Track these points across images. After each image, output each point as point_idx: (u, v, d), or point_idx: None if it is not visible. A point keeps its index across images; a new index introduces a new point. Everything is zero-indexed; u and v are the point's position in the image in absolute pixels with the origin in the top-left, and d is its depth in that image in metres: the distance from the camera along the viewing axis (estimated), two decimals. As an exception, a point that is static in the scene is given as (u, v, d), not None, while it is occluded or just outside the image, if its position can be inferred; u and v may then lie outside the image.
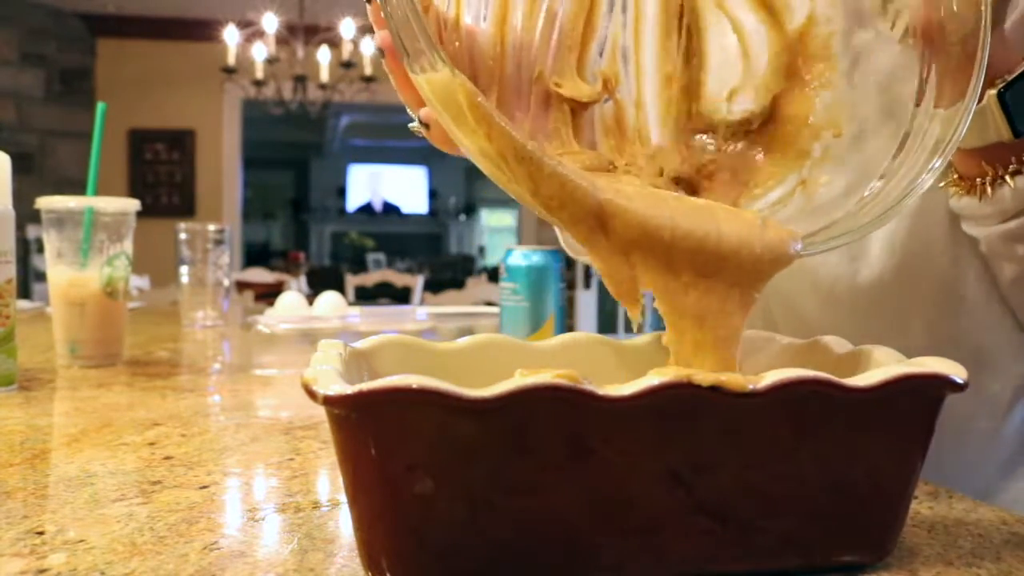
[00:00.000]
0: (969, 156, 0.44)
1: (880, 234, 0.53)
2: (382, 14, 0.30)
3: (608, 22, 0.39)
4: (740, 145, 0.38)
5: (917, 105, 0.33)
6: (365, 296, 3.97)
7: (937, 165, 0.32)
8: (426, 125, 0.36)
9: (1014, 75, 0.40)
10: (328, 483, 0.41)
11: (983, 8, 0.32)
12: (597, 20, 0.39)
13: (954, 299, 0.53)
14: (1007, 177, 0.42)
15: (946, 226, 0.51)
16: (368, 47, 3.80)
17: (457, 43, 0.35)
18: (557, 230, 0.54)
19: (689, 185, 0.38)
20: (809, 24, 0.37)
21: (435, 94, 0.30)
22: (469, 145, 0.31)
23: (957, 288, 0.53)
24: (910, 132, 0.33)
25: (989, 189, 0.43)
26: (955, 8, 0.33)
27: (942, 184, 0.47)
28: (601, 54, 0.40)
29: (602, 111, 0.39)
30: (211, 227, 1.22)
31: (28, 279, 3.59)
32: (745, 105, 0.38)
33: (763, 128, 0.38)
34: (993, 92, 0.40)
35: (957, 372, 0.28)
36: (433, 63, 0.29)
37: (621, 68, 0.40)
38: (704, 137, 0.39)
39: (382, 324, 1.30)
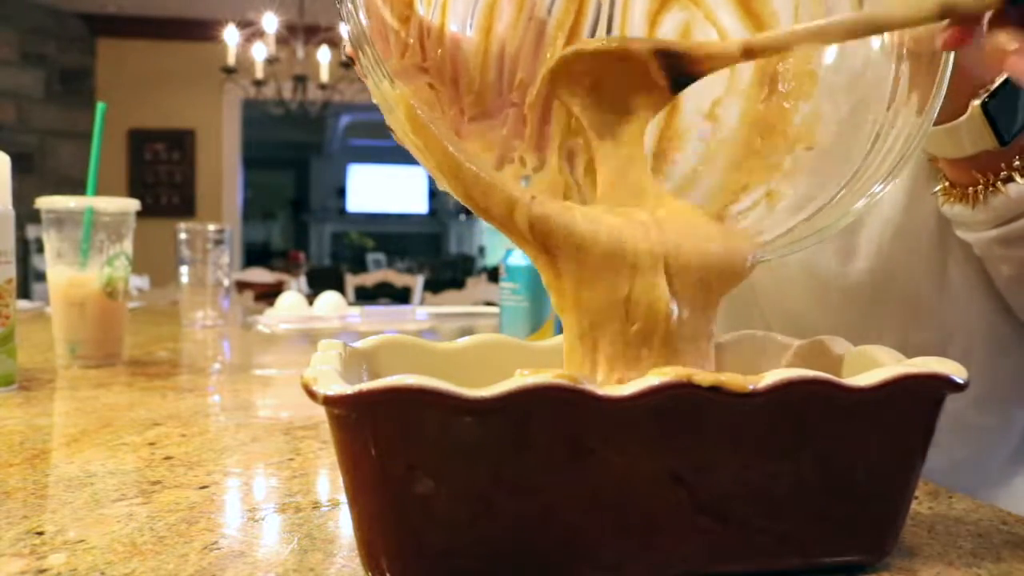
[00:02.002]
0: (959, 165, 0.44)
1: (868, 235, 0.54)
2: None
3: (593, 31, 0.39)
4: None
5: (888, 109, 0.33)
6: (365, 296, 3.96)
7: (896, 171, 0.32)
8: None
9: (996, 84, 0.40)
10: (328, 483, 0.41)
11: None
12: (582, 29, 0.39)
13: (942, 300, 0.53)
14: (999, 184, 0.43)
15: (933, 226, 0.52)
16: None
17: (439, 50, 0.36)
18: None
19: None
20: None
21: (381, 103, 0.32)
22: (417, 156, 0.32)
23: (945, 288, 0.53)
24: (879, 135, 0.33)
25: (982, 196, 0.44)
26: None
27: (934, 191, 0.48)
28: None
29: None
30: (211, 227, 1.22)
31: (28, 279, 3.59)
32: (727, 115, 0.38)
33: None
34: (977, 102, 0.40)
35: (957, 372, 0.28)
36: (376, 76, 0.31)
37: None
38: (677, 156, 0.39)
39: (382, 324, 1.30)
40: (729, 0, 0.38)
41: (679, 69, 0.35)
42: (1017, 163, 0.42)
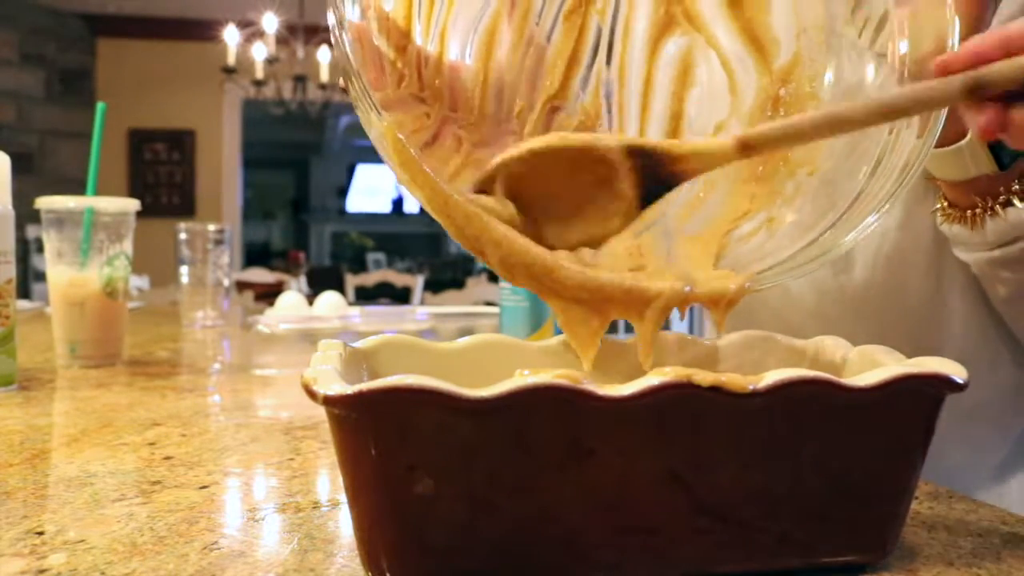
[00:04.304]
0: (958, 187, 0.44)
1: (865, 247, 0.54)
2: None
3: (593, 57, 0.39)
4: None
5: (890, 132, 0.33)
6: (365, 296, 3.96)
7: (897, 194, 0.32)
8: None
9: None
10: (328, 483, 0.41)
11: (950, 41, 0.32)
12: (582, 55, 0.39)
13: (937, 311, 0.53)
14: (998, 207, 0.43)
15: (930, 241, 0.52)
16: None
17: (437, 81, 0.36)
18: None
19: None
20: (794, 63, 0.36)
21: (370, 134, 0.31)
22: (408, 190, 0.32)
23: (940, 301, 0.53)
24: (882, 159, 0.33)
25: (980, 220, 0.44)
26: (925, 42, 0.33)
27: (933, 210, 0.48)
28: (584, 88, 0.39)
29: None
30: (211, 227, 1.22)
31: (28, 279, 3.59)
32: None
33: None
34: None
35: (957, 372, 0.28)
36: (363, 106, 0.31)
37: (603, 103, 0.40)
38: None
39: (382, 324, 1.30)
40: (731, 26, 0.37)
41: (656, 173, 0.31)
42: (1016, 187, 0.42)
